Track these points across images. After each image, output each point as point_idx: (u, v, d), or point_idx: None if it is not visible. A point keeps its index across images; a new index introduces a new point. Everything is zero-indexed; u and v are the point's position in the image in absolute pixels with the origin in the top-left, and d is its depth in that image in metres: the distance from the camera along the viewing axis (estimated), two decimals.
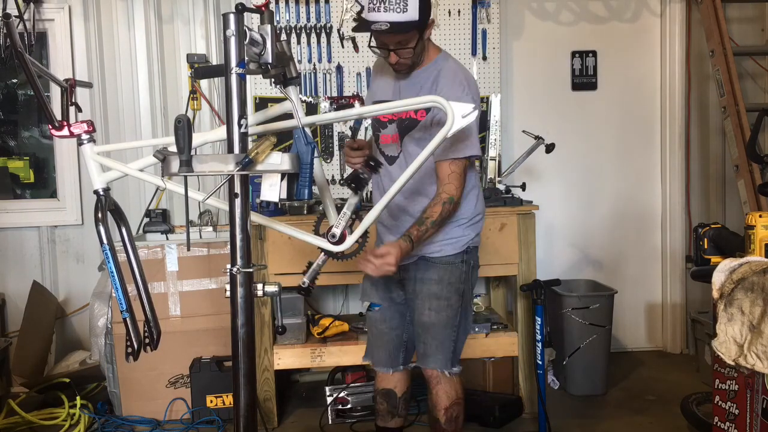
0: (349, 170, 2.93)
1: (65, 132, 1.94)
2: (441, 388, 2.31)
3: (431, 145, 1.82)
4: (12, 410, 3.11)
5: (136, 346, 1.97)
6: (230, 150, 1.52)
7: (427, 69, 2.21)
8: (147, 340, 2.02)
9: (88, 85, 2.24)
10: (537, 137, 3.39)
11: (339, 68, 3.72)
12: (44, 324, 3.61)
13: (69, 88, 1.96)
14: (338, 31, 3.70)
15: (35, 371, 3.47)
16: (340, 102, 3.73)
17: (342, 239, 1.98)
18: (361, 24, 2.11)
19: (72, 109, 1.98)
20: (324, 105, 3.72)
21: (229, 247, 1.59)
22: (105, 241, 1.91)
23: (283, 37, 3.66)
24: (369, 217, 1.92)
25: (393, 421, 2.49)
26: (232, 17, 1.47)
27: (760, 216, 2.03)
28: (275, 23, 3.05)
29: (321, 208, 2.23)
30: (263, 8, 1.61)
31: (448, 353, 2.28)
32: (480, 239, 2.36)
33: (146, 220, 3.45)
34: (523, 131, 3.48)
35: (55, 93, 3.51)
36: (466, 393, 3.34)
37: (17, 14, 3.52)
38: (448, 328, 2.27)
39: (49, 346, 3.65)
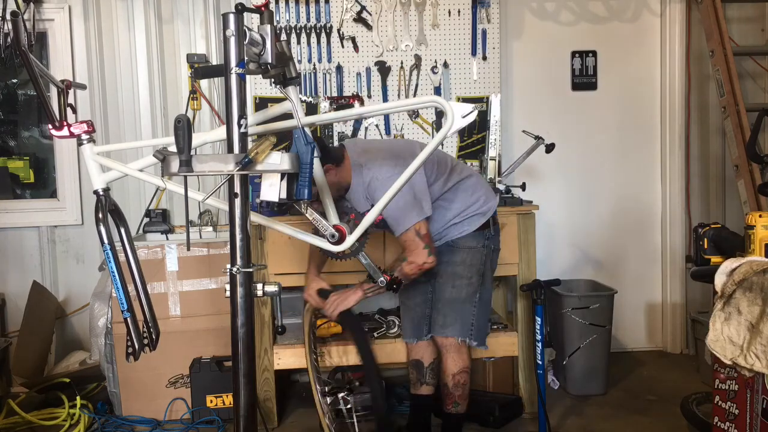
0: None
1: (65, 132, 1.94)
2: (450, 356, 2.64)
3: (431, 145, 1.82)
4: (12, 410, 3.11)
5: (137, 346, 1.97)
6: (230, 150, 1.53)
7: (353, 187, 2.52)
8: (146, 341, 2.03)
9: (82, 86, 2.25)
10: (537, 137, 3.39)
11: (339, 68, 3.72)
12: (44, 324, 3.61)
13: (65, 89, 1.96)
14: (338, 31, 3.70)
15: (35, 371, 3.48)
16: (340, 102, 3.73)
17: (341, 239, 1.98)
18: None
19: (67, 109, 1.98)
20: (324, 105, 3.72)
21: (229, 247, 1.59)
22: (106, 241, 1.91)
23: (283, 37, 3.65)
24: (368, 218, 1.92)
25: (423, 388, 2.81)
26: (231, 17, 1.47)
27: (760, 216, 2.03)
28: (275, 23, 3.05)
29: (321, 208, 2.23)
30: (263, 8, 1.61)
31: (467, 325, 2.64)
32: (486, 225, 2.65)
33: (146, 220, 3.45)
34: (523, 131, 3.48)
35: (53, 94, 3.52)
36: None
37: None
38: (467, 303, 2.63)
39: (49, 346, 3.65)
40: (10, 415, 3.13)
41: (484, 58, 3.77)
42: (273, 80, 1.89)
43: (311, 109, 3.71)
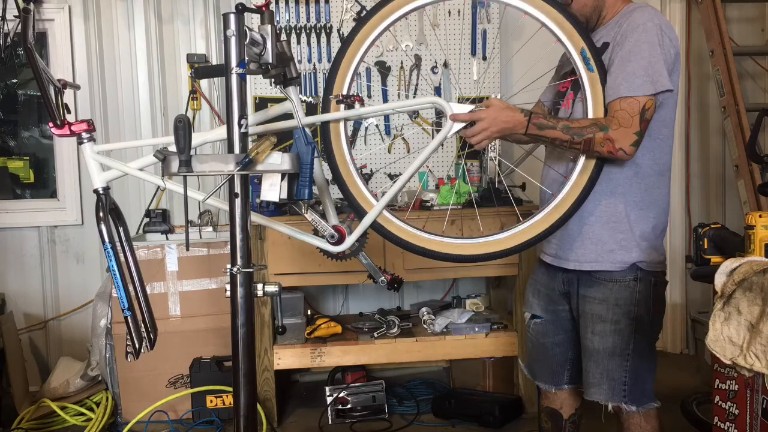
0: None
1: (66, 130, 1.94)
2: (625, 426, 2.08)
3: (431, 146, 1.82)
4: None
5: (137, 345, 1.97)
6: (230, 150, 1.53)
7: (607, 26, 2.03)
8: (145, 341, 2.02)
9: (76, 86, 2.25)
10: None
11: None
12: (12, 345, 3.44)
13: (61, 88, 1.96)
14: (338, 31, 3.70)
15: (23, 391, 3.40)
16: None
17: (341, 240, 1.98)
18: None
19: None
20: None
21: (229, 247, 1.59)
22: (107, 239, 1.91)
23: (283, 37, 3.66)
24: (369, 217, 1.92)
25: None
26: (232, 17, 1.47)
27: (760, 216, 2.02)
28: (275, 23, 3.05)
29: (321, 208, 2.23)
30: (263, 8, 1.61)
31: (619, 385, 1.99)
32: (665, 263, 2.06)
33: (146, 220, 3.45)
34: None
35: (50, 93, 3.52)
36: (466, 392, 3.34)
37: (16, 15, 3.52)
38: (616, 355, 1.95)
39: (24, 367, 3.54)
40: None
41: (484, 58, 3.77)
42: (273, 80, 1.89)
43: (311, 109, 3.71)
